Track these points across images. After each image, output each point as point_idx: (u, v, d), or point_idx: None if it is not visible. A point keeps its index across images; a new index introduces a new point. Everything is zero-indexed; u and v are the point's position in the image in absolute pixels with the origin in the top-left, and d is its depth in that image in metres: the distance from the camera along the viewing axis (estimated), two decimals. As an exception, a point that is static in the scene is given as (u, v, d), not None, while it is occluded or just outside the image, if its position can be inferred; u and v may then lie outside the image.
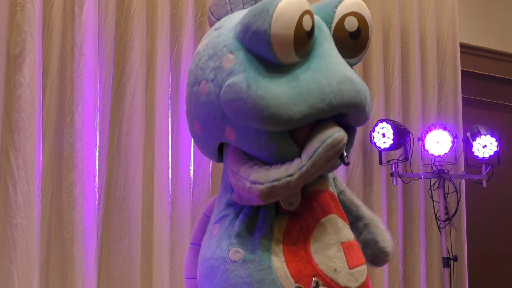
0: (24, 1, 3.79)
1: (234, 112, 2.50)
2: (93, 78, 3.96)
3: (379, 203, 4.91)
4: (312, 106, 2.48)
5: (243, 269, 2.49)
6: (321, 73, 2.55)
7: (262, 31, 2.48)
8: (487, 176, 4.98)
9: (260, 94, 2.45)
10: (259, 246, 2.53)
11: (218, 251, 2.54)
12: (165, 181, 4.11)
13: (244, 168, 2.53)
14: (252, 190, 2.47)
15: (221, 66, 2.58)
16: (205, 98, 2.60)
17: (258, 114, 2.45)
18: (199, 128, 2.67)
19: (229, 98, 2.50)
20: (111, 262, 4.01)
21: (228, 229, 2.57)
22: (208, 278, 2.55)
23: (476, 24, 6.18)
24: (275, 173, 2.48)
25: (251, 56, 2.55)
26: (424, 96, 5.22)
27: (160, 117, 4.15)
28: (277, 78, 2.51)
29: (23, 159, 3.72)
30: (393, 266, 4.93)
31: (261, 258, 2.51)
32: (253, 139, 2.54)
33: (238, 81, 2.50)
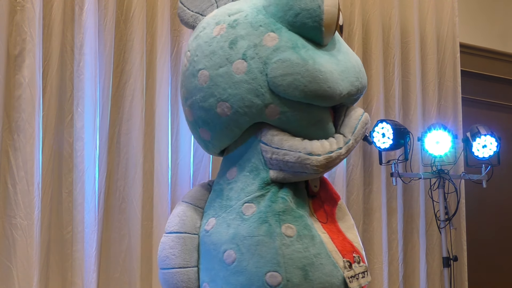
0: (24, 1, 3.79)
1: (289, 86, 2.61)
2: (93, 78, 3.95)
3: (379, 203, 4.91)
4: (352, 83, 2.72)
5: (299, 243, 2.59)
6: (349, 55, 2.79)
7: (314, 7, 2.64)
8: (487, 176, 4.97)
9: (317, 68, 2.61)
10: (308, 222, 2.65)
11: (265, 228, 2.60)
12: (165, 181, 4.11)
13: (292, 143, 2.66)
14: (310, 161, 2.62)
15: (262, 44, 2.67)
16: (241, 77, 2.67)
17: (318, 87, 2.60)
18: (229, 109, 2.70)
19: (282, 73, 2.61)
20: (111, 262, 4.01)
21: (271, 207, 2.64)
22: (255, 255, 2.59)
23: (476, 24, 6.18)
24: (328, 146, 2.67)
25: (295, 35, 2.68)
26: (424, 96, 5.22)
27: (160, 117, 4.15)
28: (323, 56, 2.67)
29: (23, 159, 3.72)
30: (393, 266, 4.93)
31: (312, 234, 2.63)
32: (304, 115, 2.67)
33: (290, 56, 2.63)
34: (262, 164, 2.70)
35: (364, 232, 4.86)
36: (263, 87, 2.65)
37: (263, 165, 2.70)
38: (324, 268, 2.59)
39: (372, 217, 4.89)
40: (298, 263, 2.57)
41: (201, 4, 2.88)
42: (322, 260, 2.60)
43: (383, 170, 4.96)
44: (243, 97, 2.67)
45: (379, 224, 4.88)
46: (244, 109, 2.68)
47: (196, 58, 2.77)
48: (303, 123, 2.68)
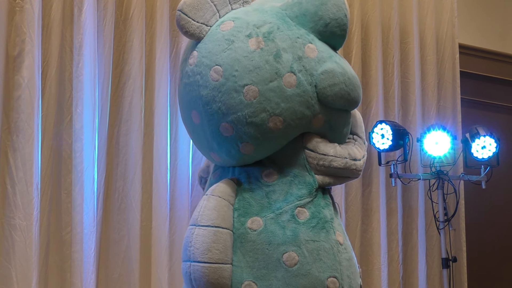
0: (23, 2, 3.79)
1: (336, 96, 2.76)
2: (92, 79, 3.96)
3: (378, 204, 4.91)
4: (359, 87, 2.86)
5: (346, 252, 2.76)
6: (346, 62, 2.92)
7: (341, 16, 2.80)
8: (486, 177, 4.97)
9: (354, 75, 2.81)
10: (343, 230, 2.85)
11: (324, 234, 2.72)
12: (164, 182, 4.11)
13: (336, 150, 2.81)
14: (355, 166, 2.81)
15: (306, 56, 2.75)
16: (293, 90, 2.73)
17: (357, 93, 2.82)
18: (282, 123, 2.74)
19: (330, 83, 2.75)
20: (110, 262, 4.00)
21: (323, 214, 2.76)
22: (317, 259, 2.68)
23: (475, 25, 6.18)
24: (361, 150, 2.89)
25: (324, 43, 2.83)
26: (423, 97, 5.22)
27: (159, 118, 4.15)
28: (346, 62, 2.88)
29: (22, 160, 3.72)
30: (392, 267, 4.93)
31: (348, 242, 2.83)
32: (341, 121, 2.85)
33: (333, 66, 2.77)
34: (307, 170, 2.78)
35: (363, 232, 4.87)
36: (313, 99, 2.74)
37: (308, 170, 2.78)
38: (356, 276, 2.78)
39: (371, 217, 4.89)
40: (347, 271, 2.73)
41: (205, 14, 2.84)
42: (356, 266, 2.81)
43: (382, 171, 4.96)
44: (295, 110, 2.73)
45: (378, 224, 4.88)
46: (295, 121, 2.74)
47: (236, 73, 2.72)
48: (340, 128, 2.85)
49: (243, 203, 2.76)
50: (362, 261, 4.81)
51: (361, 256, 4.81)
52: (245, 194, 2.77)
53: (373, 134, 4.76)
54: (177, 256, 4.09)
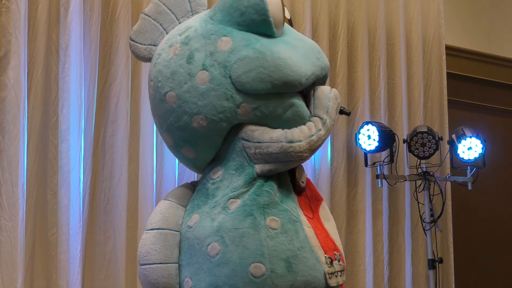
0: (9, 2, 3.78)
1: (254, 81, 2.69)
2: (78, 80, 3.95)
3: (364, 205, 4.91)
4: (314, 63, 2.79)
5: (284, 236, 2.64)
6: (304, 41, 2.88)
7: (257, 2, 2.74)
8: (472, 178, 4.99)
9: (277, 56, 2.70)
10: (293, 215, 2.70)
11: (250, 220, 2.65)
12: (150, 183, 4.11)
13: (272, 135, 2.72)
14: (293, 148, 2.69)
15: (218, 51, 2.76)
16: (207, 86, 2.74)
17: (282, 73, 2.69)
18: (204, 120, 2.76)
19: (244, 70, 2.70)
20: (95, 264, 4.00)
21: (256, 201, 2.69)
22: (239, 246, 2.63)
23: (462, 26, 6.20)
24: (307, 130, 2.74)
25: (246, 33, 2.77)
26: (409, 98, 5.23)
27: (145, 119, 4.15)
28: (278, 45, 2.76)
29: (7, 161, 3.71)
30: (378, 268, 4.93)
31: (296, 227, 2.68)
32: (277, 104, 2.74)
33: (248, 53, 2.72)
34: (246, 160, 2.75)
35: (348, 234, 4.87)
36: (230, 90, 2.71)
37: (248, 161, 2.75)
38: (308, 261, 2.64)
39: (357, 219, 4.90)
40: (282, 254, 2.62)
41: (151, 35, 2.96)
42: (306, 253, 2.65)
43: (368, 172, 4.97)
44: (214, 105, 2.73)
45: (364, 226, 4.88)
46: (218, 116, 2.74)
47: (159, 84, 2.83)
48: (278, 112, 2.74)
49: (192, 203, 2.81)
50: (347, 263, 4.81)
51: (346, 257, 4.79)
52: (195, 195, 2.84)
53: (360, 135, 4.77)
54: (163, 257, 4.09)
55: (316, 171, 4.74)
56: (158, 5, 3.00)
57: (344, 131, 4.90)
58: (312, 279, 2.64)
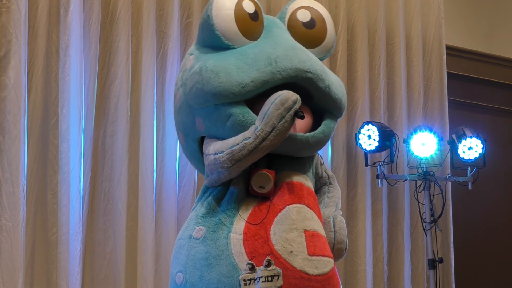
0: (9, 2, 3.78)
1: (195, 97, 2.78)
2: (78, 80, 3.95)
3: (364, 205, 4.91)
4: (260, 69, 2.74)
5: (203, 245, 2.71)
6: (268, 45, 2.83)
7: (205, 17, 2.82)
8: (472, 178, 4.99)
9: (209, 69, 2.74)
10: (221, 224, 2.73)
11: (186, 231, 2.80)
12: (150, 183, 4.10)
13: (209, 148, 2.78)
14: (216, 161, 2.71)
15: (185, 69, 2.89)
16: (179, 104, 2.92)
17: (211, 86, 2.72)
18: (182, 137, 2.97)
19: (190, 87, 2.80)
20: (95, 264, 4.00)
21: (196, 212, 2.81)
22: (176, 257, 2.79)
23: (462, 26, 6.20)
24: (233, 140, 2.71)
25: (206, 49, 2.85)
26: (409, 98, 5.22)
27: (145, 119, 4.14)
28: (227, 56, 2.79)
29: (8, 161, 3.71)
30: (378, 268, 4.93)
31: (220, 236, 2.71)
32: (215, 116, 2.78)
33: (195, 69, 2.81)
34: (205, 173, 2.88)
35: (348, 234, 4.83)
36: (187, 106, 2.85)
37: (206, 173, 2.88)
38: (221, 269, 2.67)
39: (357, 219, 4.89)
40: (198, 264, 2.70)
41: None
42: (221, 261, 2.68)
43: (368, 172, 4.96)
44: (184, 121, 2.90)
45: (363, 226, 4.88)
46: (186, 130, 2.91)
47: None
48: (218, 123, 2.79)
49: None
50: (347, 262, 4.82)
51: (346, 257, 4.81)
52: None
53: (360, 135, 4.77)
54: (163, 257, 4.09)
55: (316, 170, 4.73)
56: None
57: (343, 131, 4.90)
58: (223, 286, 2.66)
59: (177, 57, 4.27)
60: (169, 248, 4.08)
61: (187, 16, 4.40)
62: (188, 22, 4.39)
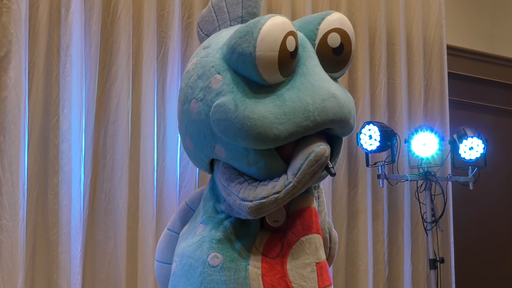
0: (10, 2, 3.78)
1: (223, 132, 2.63)
2: (79, 80, 3.95)
3: (365, 205, 4.91)
4: (297, 124, 2.59)
5: (220, 275, 2.61)
6: (306, 91, 2.65)
7: (247, 54, 2.58)
8: (473, 178, 4.99)
9: (247, 115, 2.57)
10: (239, 255, 2.64)
11: (199, 252, 2.65)
12: (151, 183, 4.11)
13: (234, 184, 2.66)
14: (242, 206, 2.60)
15: (209, 86, 2.69)
16: (195, 117, 2.73)
17: (246, 134, 2.57)
18: (191, 144, 2.82)
19: (218, 118, 2.62)
20: (96, 263, 4.00)
21: (211, 233, 2.67)
22: (185, 275, 2.67)
23: (463, 26, 6.20)
24: (263, 191, 2.60)
25: (238, 77, 2.66)
26: (410, 98, 5.22)
27: (146, 119, 4.15)
28: (263, 98, 2.61)
29: (8, 161, 3.71)
30: (377, 268, 4.93)
31: (238, 267, 2.62)
32: (242, 156, 2.66)
33: (226, 101, 2.62)
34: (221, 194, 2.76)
35: (349, 234, 4.87)
36: (208, 129, 2.69)
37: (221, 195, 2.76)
38: None
39: (357, 219, 4.89)
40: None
41: (209, 26, 2.93)
42: None
43: (369, 172, 4.96)
44: (198, 135, 2.75)
45: (364, 225, 4.88)
46: (199, 145, 2.77)
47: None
48: (243, 162, 2.68)
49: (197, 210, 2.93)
50: (347, 262, 4.82)
51: (346, 257, 4.81)
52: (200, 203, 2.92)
53: (361, 135, 4.77)
54: (164, 257, 4.10)
55: (316, 171, 4.73)
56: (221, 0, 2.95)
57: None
58: None
59: (178, 57, 4.27)
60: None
61: (188, 16, 4.40)
62: (189, 22, 4.39)
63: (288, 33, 2.58)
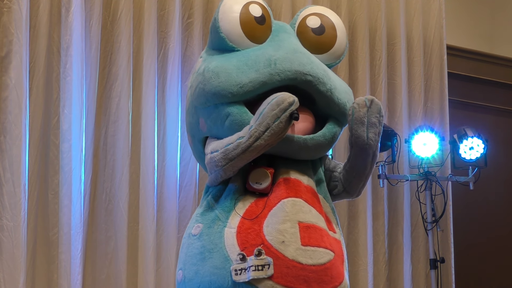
0: (10, 3, 3.78)
1: (198, 96, 2.85)
2: (80, 80, 3.96)
3: (365, 205, 4.90)
4: (258, 70, 2.77)
5: (199, 241, 2.77)
6: (271, 47, 2.86)
7: (213, 21, 2.88)
8: (474, 178, 4.99)
9: (211, 70, 2.80)
10: (217, 219, 2.78)
11: (187, 230, 2.87)
12: (151, 183, 4.11)
13: (209, 147, 2.83)
14: (212, 159, 2.76)
15: (195, 72, 2.94)
16: (187, 106, 3.00)
17: (210, 85, 2.78)
18: (190, 138, 3.03)
19: (194, 87, 2.87)
20: (97, 264, 4.01)
21: (197, 211, 2.88)
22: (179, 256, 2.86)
23: (463, 26, 6.20)
24: (228, 140, 2.75)
25: (214, 51, 2.92)
26: (410, 98, 5.22)
27: (147, 119, 4.15)
28: (229, 58, 2.84)
29: (9, 161, 3.71)
30: (377, 268, 4.93)
31: (215, 231, 2.76)
32: (215, 115, 2.82)
33: (199, 70, 2.87)
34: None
35: (349, 234, 4.86)
36: (193, 107, 2.92)
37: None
38: (214, 261, 2.71)
39: (357, 218, 4.89)
40: (194, 259, 2.75)
41: None
42: (214, 254, 2.72)
43: (369, 172, 4.96)
44: (190, 122, 2.98)
45: (364, 225, 4.88)
46: (192, 131, 2.97)
47: None
48: (218, 123, 2.83)
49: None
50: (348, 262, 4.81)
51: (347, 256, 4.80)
52: None
53: (361, 135, 4.76)
54: (164, 257, 4.10)
55: (317, 171, 4.73)
56: None
57: (345, 131, 4.87)
58: (216, 278, 2.69)
59: (178, 57, 4.27)
60: (170, 248, 4.09)
61: (188, 16, 4.40)
62: (189, 22, 4.39)
63: (250, 1, 2.88)
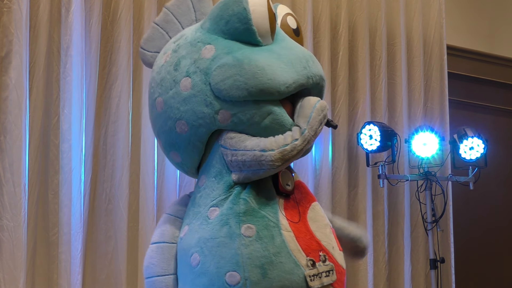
0: (10, 3, 3.78)
1: (231, 88, 2.70)
2: (80, 80, 3.96)
3: (365, 205, 4.91)
4: (298, 72, 2.74)
5: (258, 243, 2.64)
6: (294, 49, 2.83)
7: (240, 11, 2.75)
8: (474, 178, 5.00)
9: (254, 64, 2.69)
10: (270, 221, 2.68)
11: (226, 229, 2.67)
12: (151, 183, 4.11)
13: (247, 143, 2.71)
14: (264, 157, 2.66)
15: (201, 58, 2.78)
16: (189, 93, 2.78)
17: (258, 81, 2.68)
18: (185, 125, 2.80)
19: (222, 78, 2.71)
20: (97, 264, 4.01)
21: (233, 209, 2.69)
22: (216, 256, 2.66)
23: (463, 26, 6.20)
24: (282, 139, 2.68)
25: (231, 42, 2.78)
26: (410, 98, 5.23)
27: (147, 119, 4.13)
28: (260, 53, 2.75)
29: (9, 161, 3.71)
30: (377, 268, 4.93)
31: (273, 233, 2.67)
32: (254, 112, 2.73)
33: (227, 61, 2.72)
34: (225, 168, 2.76)
35: (349, 233, 4.86)
36: (209, 96, 2.74)
37: (226, 168, 2.76)
38: (284, 266, 2.63)
39: (358, 218, 4.89)
40: (257, 262, 2.63)
41: (158, 43, 2.98)
42: (282, 258, 2.64)
43: (369, 172, 4.97)
44: (194, 111, 2.77)
45: (364, 225, 4.88)
46: (198, 121, 2.78)
47: (152, 89, 2.89)
48: (256, 119, 2.74)
49: (186, 213, 2.84)
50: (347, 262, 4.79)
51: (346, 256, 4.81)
52: (189, 205, 2.86)
53: (361, 135, 4.77)
54: (164, 257, 4.10)
55: (317, 171, 4.74)
56: (167, 14, 3.02)
57: (345, 131, 4.90)
58: (289, 284, 2.63)
59: (178, 57, 4.27)
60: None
61: (188, 16, 4.40)
62: (189, 22, 4.39)
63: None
